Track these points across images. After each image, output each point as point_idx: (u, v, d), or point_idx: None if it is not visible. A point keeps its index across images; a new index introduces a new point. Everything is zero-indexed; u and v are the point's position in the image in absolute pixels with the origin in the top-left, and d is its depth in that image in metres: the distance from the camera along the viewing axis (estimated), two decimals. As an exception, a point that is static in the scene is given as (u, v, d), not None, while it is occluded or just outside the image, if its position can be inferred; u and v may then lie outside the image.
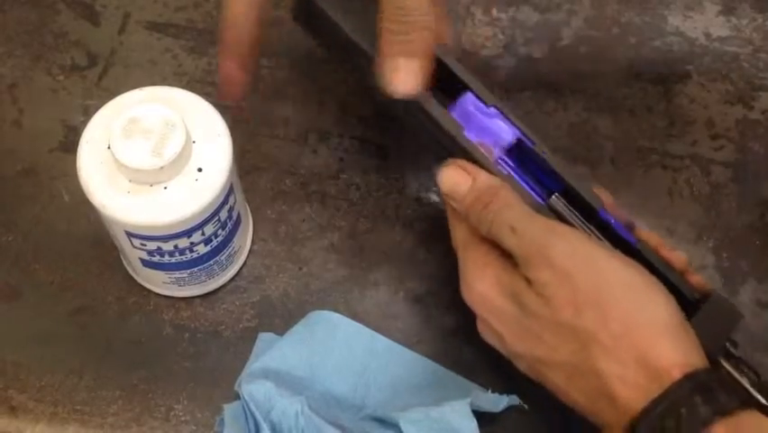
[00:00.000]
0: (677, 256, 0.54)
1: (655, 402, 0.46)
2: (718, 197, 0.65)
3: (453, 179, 0.53)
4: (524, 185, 0.55)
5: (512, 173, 0.55)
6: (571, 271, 0.49)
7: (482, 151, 0.54)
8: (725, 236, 0.64)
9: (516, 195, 0.52)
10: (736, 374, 0.51)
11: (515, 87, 0.68)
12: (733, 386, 0.49)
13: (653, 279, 0.50)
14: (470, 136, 0.54)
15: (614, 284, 0.49)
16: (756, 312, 0.62)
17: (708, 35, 0.70)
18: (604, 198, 0.55)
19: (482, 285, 0.52)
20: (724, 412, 0.45)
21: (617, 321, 0.48)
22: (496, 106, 0.55)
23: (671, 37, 0.70)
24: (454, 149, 0.54)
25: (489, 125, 0.55)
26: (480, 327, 0.54)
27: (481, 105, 0.55)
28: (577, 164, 0.66)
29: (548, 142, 0.66)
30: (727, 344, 0.52)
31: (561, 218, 0.54)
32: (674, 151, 0.67)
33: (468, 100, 0.55)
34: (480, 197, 0.52)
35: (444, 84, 0.55)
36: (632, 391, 0.47)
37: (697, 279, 0.54)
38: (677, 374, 0.46)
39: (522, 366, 0.53)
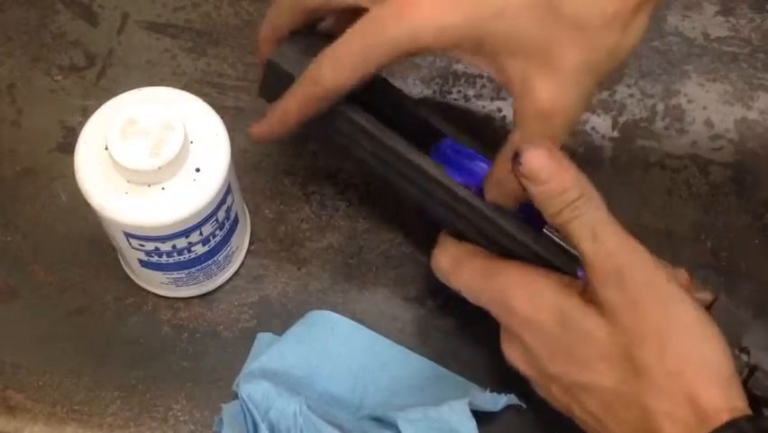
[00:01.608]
0: (680, 274, 0.53)
1: None
2: (717, 197, 0.65)
3: (542, 160, 0.49)
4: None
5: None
6: (641, 301, 0.48)
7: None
8: (724, 237, 0.64)
9: (600, 196, 0.50)
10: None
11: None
12: None
13: (711, 321, 0.49)
14: (455, 177, 0.53)
15: (678, 322, 0.48)
16: (756, 312, 0.62)
17: (706, 35, 0.70)
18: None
19: (522, 303, 0.51)
20: None
21: (674, 359, 0.47)
22: (474, 150, 0.55)
23: (669, 37, 0.70)
24: (437, 189, 0.53)
25: (471, 167, 0.55)
26: (508, 345, 0.53)
27: (461, 148, 0.55)
28: (577, 164, 0.66)
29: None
30: (738, 352, 0.52)
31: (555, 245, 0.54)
32: (673, 151, 0.67)
33: (447, 146, 0.55)
34: (567, 191, 0.49)
35: (420, 135, 0.55)
36: (678, 429, 0.47)
37: (705, 296, 0.54)
38: (724, 417, 0.46)
39: (553, 390, 0.52)
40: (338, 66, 0.50)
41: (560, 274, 0.52)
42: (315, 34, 0.55)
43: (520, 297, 0.51)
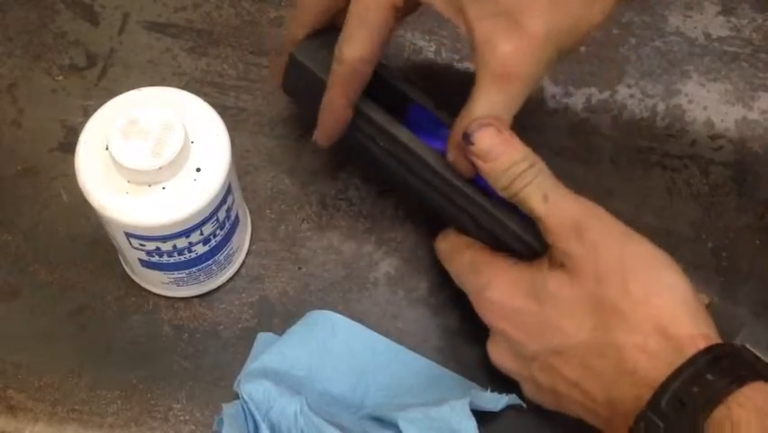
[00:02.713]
0: None
1: (679, 370, 0.46)
2: (718, 197, 0.65)
3: (490, 139, 0.52)
4: None
5: None
6: (598, 245, 0.50)
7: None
8: (724, 236, 0.64)
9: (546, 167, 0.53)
10: (757, 352, 0.50)
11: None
12: (756, 361, 0.48)
13: (673, 261, 0.51)
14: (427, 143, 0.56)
15: (637, 257, 0.50)
16: (756, 312, 0.62)
17: (707, 35, 0.70)
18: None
19: (498, 292, 0.53)
20: (751, 379, 0.46)
21: (637, 288, 0.49)
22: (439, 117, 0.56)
23: (670, 37, 0.70)
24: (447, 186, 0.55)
25: (438, 134, 0.56)
26: (492, 345, 0.55)
27: (430, 114, 0.56)
28: (577, 164, 0.66)
29: (548, 143, 0.66)
30: None
31: None
32: (673, 151, 0.67)
33: (415, 111, 0.57)
34: (516, 164, 0.52)
35: (390, 101, 0.57)
36: (653, 362, 0.47)
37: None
38: (701, 344, 0.47)
39: (535, 373, 0.53)
40: (350, 38, 0.53)
41: (535, 261, 0.53)
42: (335, 29, 0.55)
43: (496, 287, 0.53)
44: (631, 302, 0.49)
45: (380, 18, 0.53)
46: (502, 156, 0.51)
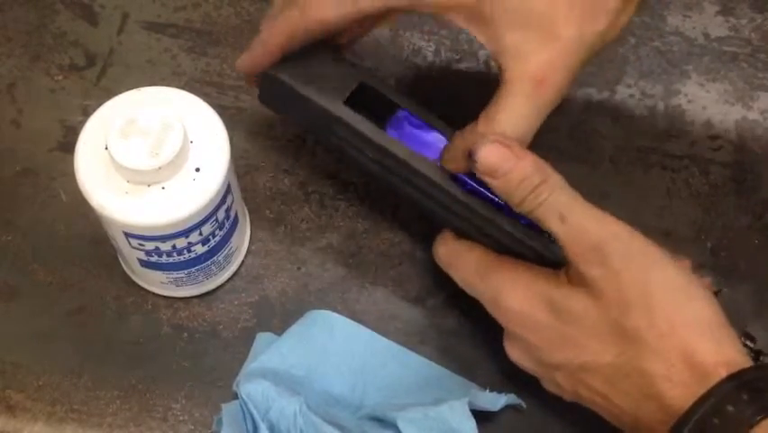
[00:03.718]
0: (683, 264, 0.53)
1: (701, 400, 0.46)
2: (717, 197, 0.65)
3: (497, 155, 0.50)
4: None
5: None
6: (622, 271, 0.49)
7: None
8: (723, 236, 0.64)
9: (564, 181, 0.51)
10: None
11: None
12: None
13: (696, 279, 0.50)
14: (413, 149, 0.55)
15: (660, 284, 0.49)
16: (756, 312, 0.62)
17: (706, 35, 0.70)
18: None
19: (514, 301, 0.52)
20: None
21: (662, 320, 0.48)
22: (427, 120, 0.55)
23: (670, 37, 0.70)
24: (437, 191, 0.54)
25: (427, 139, 0.55)
26: (510, 345, 0.54)
27: (415, 120, 0.56)
28: (577, 164, 0.66)
29: (547, 143, 0.66)
30: (743, 338, 0.52)
31: None
32: (673, 151, 0.67)
33: (401, 117, 0.56)
34: (528, 179, 0.50)
35: (376, 108, 0.56)
36: (678, 390, 0.47)
37: (704, 283, 0.53)
38: (722, 372, 0.46)
39: (558, 379, 0.52)
40: (323, 2, 0.52)
41: (549, 269, 0.52)
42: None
43: (512, 296, 0.52)
44: (656, 333, 0.48)
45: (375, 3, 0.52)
46: (511, 172, 0.50)
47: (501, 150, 0.50)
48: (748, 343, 0.52)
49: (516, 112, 0.51)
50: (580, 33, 0.51)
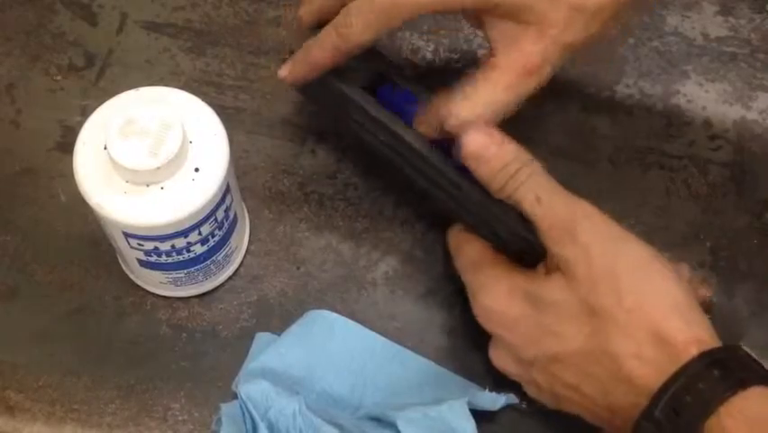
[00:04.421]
0: (682, 268, 0.54)
1: (673, 379, 0.46)
2: (716, 197, 0.65)
3: (480, 141, 0.52)
4: None
5: None
6: (590, 248, 0.50)
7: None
8: (722, 236, 0.64)
9: (541, 166, 0.53)
10: (753, 354, 0.50)
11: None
12: (750, 363, 0.48)
13: (666, 261, 0.51)
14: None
15: (628, 262, 0.50)
16: (755, 312, 0.62)
17: (706, 35, 0.70)
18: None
19: (494, 300, 0.53)
20: (743, 386, 0.45)
21: (630, 297, 0.49)
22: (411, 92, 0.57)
23: (669, 37, 0.70)
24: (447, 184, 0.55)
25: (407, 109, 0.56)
26: (493, 351, 0.55)
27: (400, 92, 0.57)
28: (576, 164, 0.66)
29: (546, 143, 0.66)
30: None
31: None
32: (672, 151, 0.67)
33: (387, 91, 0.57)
34: (508, 165, 0.52)
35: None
36: (647, 369, 0.47)
37: (702, 292, 0.54)
38: (694, 350, 0.46)
39: (536, 377, 0.53)
40: (367, 23, 0.53)
41: (529, 269, 0.53)
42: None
43: (492, 296, 0.54)
44: (624, 310, 0.48)
45: (409, 13, 0.53)
46: (493, 159, 0.52)
47: (483, 137, 0.52)
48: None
49: (496, 97, 0.53)
50: (572, 34, 0.53)
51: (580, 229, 0.51)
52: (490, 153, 0.52)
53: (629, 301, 0.48)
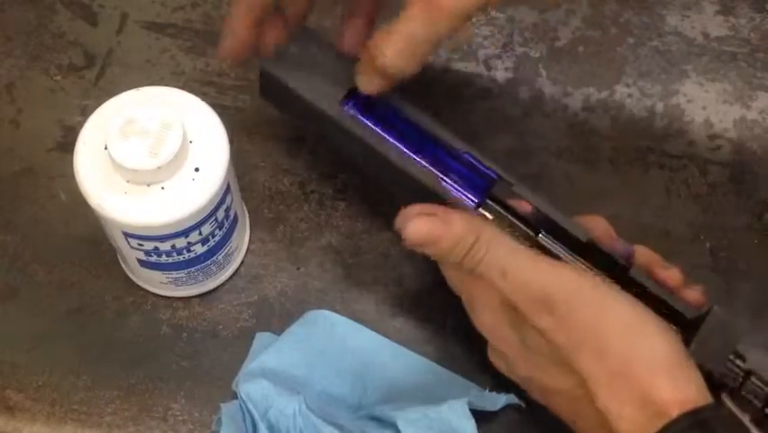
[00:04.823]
0: (672, 274, 0.53)
1: None
2: (716, 197, 0.65)
3: (423, 228, 0.51)
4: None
5: (501, 211, 0.54)
6: (568, 317, 0.48)
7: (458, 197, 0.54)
8: (722, 236, 0.64)
9: (500, 231, 0.51)
10: (737, 411, 0.49)
11: (513, 87, 0.68)
12: (733, 423, 0.48)
13: (652, 315, 0.49)
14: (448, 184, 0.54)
15: (613, 322, 0.48)
16: (755, 312, 0.62)
17: (706, 35, 0.70)
18: (600, 225, 0.54)
19: (486, 315, 0.52)
20: None
21: (614, 360, 0.47)
22: (469, 153, 0.54)
23: (669, 37, 0.70)
24: (428, 196, 0.54)
25: (463, 171, 0.55)
26: (491, 352, 0.55)
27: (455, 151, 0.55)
28: (575, 164, 0.66)
29: (546, 143, 0.66)
30: (734, 357, 0.51)
31: (550, 254, 0.53)
32: (672, 151, 0.67)
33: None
34: (460, 241, 0.50)
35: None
36: (632, 428, 0.47)
37: (695, 295, 0.53)
38: (674, 412, 0.46)
39: (529, 389, 0.53)
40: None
41: None
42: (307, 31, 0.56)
43: (481, 308, 0.52)
44: (608, 374, 0.47)
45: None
46: (441, 240, 0.50)
47: (425, 222, 0.51)
48: (738, 362, 0.50)
49: (415, 30, 0.49)
50: None
51: (555, 300, 0.49)
52: (437, 235, 0.50)
53: (614, 364, 0.47)
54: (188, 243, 0.55)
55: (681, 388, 0.47)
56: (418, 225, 0.51)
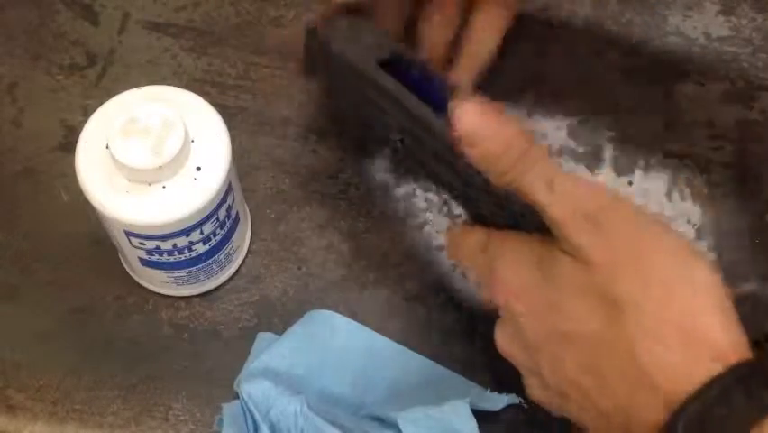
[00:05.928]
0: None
1: (704, 389, 0.39)
2: (717, 197, 0.65)
3: (477, 118, 0.45)
4: None
5: None
6: (614, 234, 0.43)
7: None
8: (723, 236, 0.64)
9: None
10: None
11: (515, 87, 0.68)
12: None
13: (699, 250, 0.45)
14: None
15: (660, 249, 0.43)
16: (755, 312, 0.62)
17: (707, 35, 0.70)
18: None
19: (503, 268, 0.47)
20: None
21: (659, 284, 0.41)
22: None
23: (670, 37, 0.70)
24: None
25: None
26: (499, 330, 0.50)
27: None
28: (576, 165, 0.66)
29: (548, 143, 0.66)
30: (764, 341, 0.49)
31: None
32: (673, 150, 0.67)
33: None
34: (513, 144, 0.45)
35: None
36: (673, 374, 0.40)
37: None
38: (732, 358, 0.40)
39: (540, 365, 0.47)
40: None
41: (548, 238, 0.47)
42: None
43: (505, 263, 0.47)
44: (651, 302, 0.41)
45: None
46: (492, 139, 0.45)
47: (479, 113, 0.45)
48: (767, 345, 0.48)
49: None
50: None
51: (601, 217, 0.43)
52: (486, 133, 0.45)
53: (658, 291, 0.41)
54: (190, 242, 0.55)
55: (733, 328, 0.41)
56: (472, 111, 0.45)
